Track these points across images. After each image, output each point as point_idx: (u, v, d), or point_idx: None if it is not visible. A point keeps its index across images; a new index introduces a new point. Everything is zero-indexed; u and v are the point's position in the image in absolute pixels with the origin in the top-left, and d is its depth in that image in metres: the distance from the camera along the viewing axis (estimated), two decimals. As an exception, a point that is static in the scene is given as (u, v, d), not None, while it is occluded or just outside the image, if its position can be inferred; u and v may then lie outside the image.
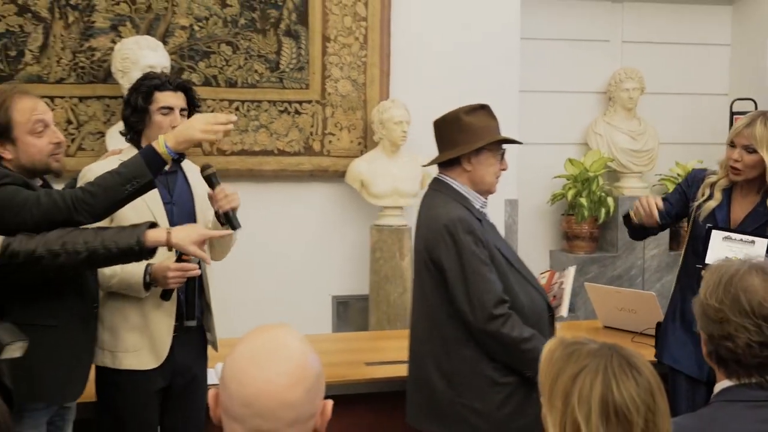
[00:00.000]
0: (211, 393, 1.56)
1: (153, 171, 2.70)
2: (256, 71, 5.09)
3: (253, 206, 4.64)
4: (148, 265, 2.92)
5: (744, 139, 3.16)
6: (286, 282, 4.92)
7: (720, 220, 3.29)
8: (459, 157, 2.95)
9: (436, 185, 3.04)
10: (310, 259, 5.03)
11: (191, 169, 3.21)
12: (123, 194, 2.67)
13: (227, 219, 3.01)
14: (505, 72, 5.41)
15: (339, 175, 5.24)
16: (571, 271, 3.28)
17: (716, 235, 3.21)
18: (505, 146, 3.01)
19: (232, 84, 5.09)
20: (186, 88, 3.10)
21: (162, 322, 3.05)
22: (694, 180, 3.46)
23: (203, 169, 3.05)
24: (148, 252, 2.61)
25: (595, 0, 6.02)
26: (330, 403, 1.57)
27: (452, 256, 2.84)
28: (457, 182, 2.99)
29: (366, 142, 5.27)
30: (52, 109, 4.41)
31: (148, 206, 3.00)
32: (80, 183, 3.04)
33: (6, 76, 4.74)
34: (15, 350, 2.43)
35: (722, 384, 1.94)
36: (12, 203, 2.58)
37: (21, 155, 2.72)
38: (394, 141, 5.01)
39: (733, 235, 3.19)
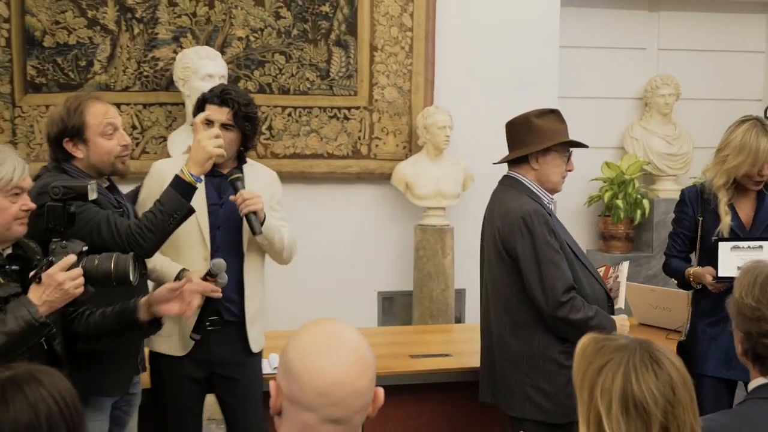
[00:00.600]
0: (272, 384, 1.56)
1: (188, 199, 2.76)
2: (307, 79, 5.08)
3: (304, 206, 4.78)
4: (182, 269, 2.97)
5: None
6: (334, 278, 4.95)
7: (735, 227, 3.27)
8: (528, 156, 3.00)
9: (507, 181, 3.08)
10: (357, 256, 5.06)
11: (256, 173, 3.19)
12: (169, 228, 2.74)
13: (248, 223, 3.01)
14: (545, 79, 5.37)
15: (385, 178, 5.22)
16: (625, 265, 3.27)
17: (724, 247, 3.17)
18: (571, 149, 3.06)
19: (285, 91, 5.08)
20: (231, 102, 3.05)
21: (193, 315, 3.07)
22: (691, 198, 3.41)
23: (228, 175, 3.06)
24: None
25: (631, 9, 5.98)
26: (382, 390, 1.58)
27: (527, 245, 2.91)
28: (526, 179, 3.03)
29: (411, 146, 5.23)
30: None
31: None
32: (148, 180, 3.09)
33: (76, 84, 4.82)
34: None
35: (757, 381, 1.91)
36: (84, 225, 2.62)
37: (91, 155, 2.78)
38: (438, 145, 4.98)
39: (741, 244, 3.16)
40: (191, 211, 2.78)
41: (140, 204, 3.08)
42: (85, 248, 2.40)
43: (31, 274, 2.30)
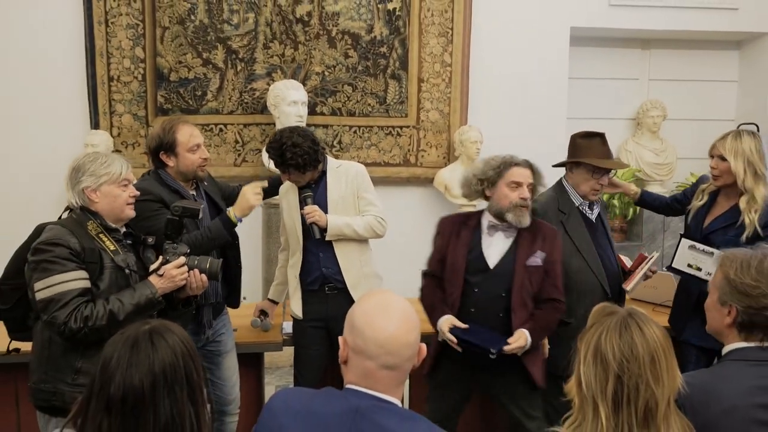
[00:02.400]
0: (341, 339, 1.60)
1: (229, 233, 2.86)
2: (369, 104, 5.19)
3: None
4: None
5: (717, 150, 3.00)
6: (389, 263, 4.41)
7: (699, 215, 3.10)
8: (568, 165, 3.06)
9: (557, 181, 3.13)
10: (407, 246, 4.74)
11: (338, 173, 3.23)
12: (208, 249, 2.83)
13: (311, 229, 3.13)
14: (556, 103, 5.45)
15: (428, 181, 5.31)
16: (654, 255, 3.19)
17: (684, 243, 3.03)
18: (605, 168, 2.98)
19: (351, 114, 5.20)
20: (284, 167, 3.14)
21: (294, 288, 3.29)
22: (697, 184, 3.25)
23: (300, 192, 3.14)
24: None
25: (627, 48, 5.95)
26: (425, 345, 1.63)
27: None
28: (566, 182, 3.11)
29: (449, 156, 5.31)
30: (224, 133, 4.96)
31: (292, 217, 3.25)
32: (280, 196, 3.24)
33: (194, 109, 5.05)
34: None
35: (734, 345, 1.85)
36: (145, 222, 2.68)
37: (179, 165, 2.89)
38: (470, 155, 5.07)
39: (698, 245, 2.99)
40: (228, 241, 2.89)
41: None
42: (188, 251, 2.54)
43: (152, 268, 2.46)
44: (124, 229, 2.47)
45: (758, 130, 4.93)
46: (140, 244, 2.51)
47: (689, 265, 2.95)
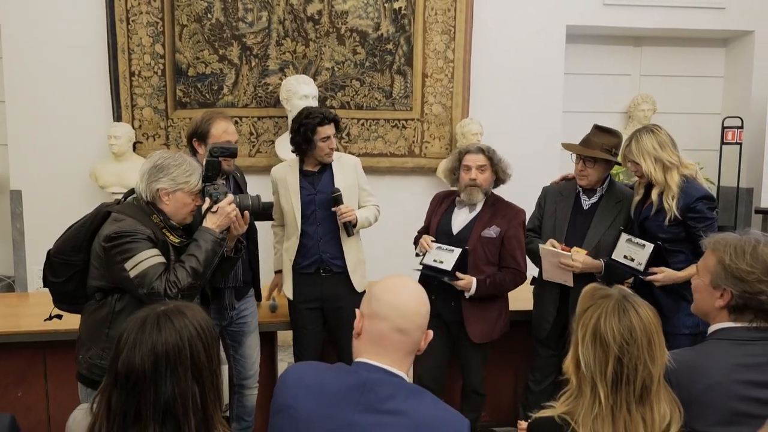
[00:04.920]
0: (357, 312, 1.60)
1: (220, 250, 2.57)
2: (375, 98, 5.08)
3: (373, 192, 4.21)
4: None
5: (628, 158, 3.00)
6: (393, 248, 4.37)
7: (638, 207, 3.08)
8: None
9: None
10: (411, 231, 4.26)
11: (341, 164, 3.24)
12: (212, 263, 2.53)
13: (344, 228, 3.16)
14: (552, 97, 5.34)
15: (432, 171, 5.18)
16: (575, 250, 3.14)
17: (623, 237, 3.00)
18: (578, 155, 3.11)
19: (359, 107, 5.10)
20: (336, 120, 3.18)
21: (287, 270, 3.26)
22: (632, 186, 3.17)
23: (332, 192, 3.12)
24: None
25: (620, 45, 5.84)
26: (431, 332, 1.61)
27: None
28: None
29: (451, 147, 5.14)
30: (239, 125, 4.89)
31: (291, 201, 3.23)
32: (272, 182, 3.23)
33: (210, 103, 4.97)
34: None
35: (720, 324, 1.82)
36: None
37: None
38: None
39: (633, 239, 2.95)
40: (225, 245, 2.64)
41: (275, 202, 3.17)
42: (227, 190, 2.48)
43: (205, 207, 2.43)
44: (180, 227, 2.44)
45: (742, 124, 5.49)
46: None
47: (625, 257, 2.94)
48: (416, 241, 3.25)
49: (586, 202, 3.17)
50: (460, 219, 3.17)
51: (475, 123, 5.01)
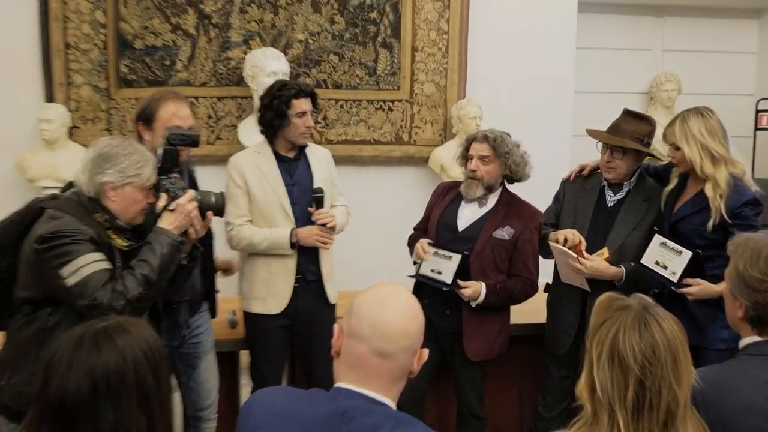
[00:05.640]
0: (336, 326, 1.56)
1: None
2: (357, 76, 4.97)
3: (354, 186, 4.49)
4: (292, 229, 3.05)
5: (669, 139, 2.93)
6: (380, 248, 4.69)
7: (669, 201, 3.03)
8: None
9: None
10: (399, 230, 4.51)
11: (315, 154, 3.23)
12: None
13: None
14: (563, 76, 5.21)
15: (423, 161, 5.09)
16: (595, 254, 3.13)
17: (656, 240, 2.95)
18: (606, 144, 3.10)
19: (338, 86, 4.96)
20: (313, 94, 3.16)
21: (283, 276, 3.15)
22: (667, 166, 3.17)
23: (315, 192, 3.09)
24: None
25: (640, 15, 5.81)
26: (426, 350, 1.57)
27: None
28: None
29: (445, 133, 5.09)
30: (196, 107, 4.74)
31: (274, 189, 3.10)
32: (229, 173, 3.15)
33: (162, 81, 4.77)
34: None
35: (750, 339, 1.85)
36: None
37: (155, 141, 2.71)
38: (469, 132, 4.44)
39: (669, 243, 2.91)
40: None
41: (230, 195, 3.10)
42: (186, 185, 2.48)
43: (161, 206, 2.37)
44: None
45: None
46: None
47: (657, 263, 2.92)
48: (411, 242, 3.27)
49: (611, 198, 3.15)
50: (467, 214, 3.15)
51: (473, 105, 4.91)
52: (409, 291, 1.61)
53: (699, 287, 2.81)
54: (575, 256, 2.97)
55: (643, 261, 2.95)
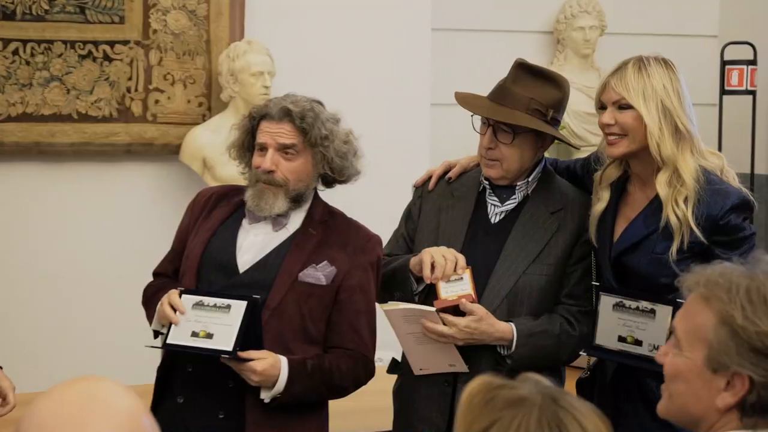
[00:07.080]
0: None
1: None
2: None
3: (42, 198, 3.96)
4: None
5: (613, 93, 2.54)
6: (97, 310, 3.86)
7: (604, 226, 2.65)
8: None
9: None
10: (132, 272, 3.90)
11: None
12: None
13: None
14: (414, 3, 4.40)
15: (170, 151, 4.16)
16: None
17: (605, 302, 2.67)
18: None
19: (8, 16, 3.85)
20: None
21: None
22: (588, 160, 2.84)
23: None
24: None
25: None
26: None
27: None
28: None
29: (210, 102, 4.20)
30: None
31: None
32: None
33: None
34: None
35: None
36: None
37: None
38: (252, 101, 3.92)
39: (627, 302, 2.64)
40: None
41: None
42: None
43: None
44: None
45: (755, 56, 4.94)
46: None
47: (621, 338, 2.63)
48: (149, 299, 2.71)
49: (497, 210, 2.77)
50: (252, 241, 2.69)
51: (258, 52, 4.09)
52: (123, 389, 1.22)
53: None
54: (433, 310, 2.66)
55: (598, 342, 2.72)
